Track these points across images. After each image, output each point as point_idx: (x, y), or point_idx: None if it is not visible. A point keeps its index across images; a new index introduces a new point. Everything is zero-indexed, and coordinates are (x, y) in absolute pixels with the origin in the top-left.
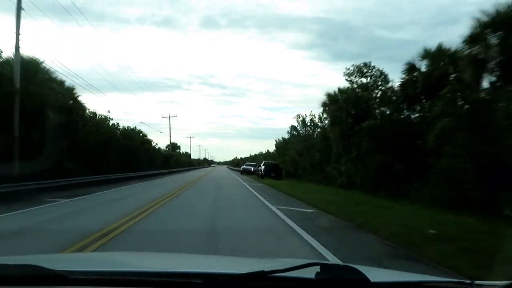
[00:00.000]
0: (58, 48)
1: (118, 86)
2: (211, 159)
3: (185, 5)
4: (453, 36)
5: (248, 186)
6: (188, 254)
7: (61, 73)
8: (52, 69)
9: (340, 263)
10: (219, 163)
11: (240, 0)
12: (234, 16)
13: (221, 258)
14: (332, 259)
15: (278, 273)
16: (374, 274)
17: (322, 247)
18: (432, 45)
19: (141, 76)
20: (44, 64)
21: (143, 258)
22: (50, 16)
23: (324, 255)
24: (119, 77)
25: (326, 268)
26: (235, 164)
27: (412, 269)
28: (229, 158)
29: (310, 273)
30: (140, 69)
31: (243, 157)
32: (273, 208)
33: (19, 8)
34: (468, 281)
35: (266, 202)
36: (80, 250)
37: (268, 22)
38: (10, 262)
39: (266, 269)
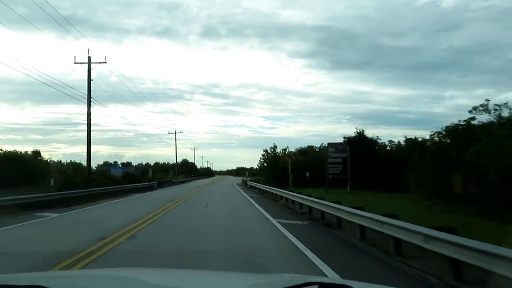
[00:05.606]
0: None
1: (118, 98)
2: (207, 166)
3: (185, 14)
4: (455, 42)
5: None
6: (181, 270)
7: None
8: None
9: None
10: (220, 173)
11: (239, 9)
12: (234, 25)
13: (216, 274)
14: None
15: None
16: None
17: None
18: (434, 51)
19: (142, 87)
20: None
21: (155, 274)
22: (50, 28)
23: None
24: (119, 88)
25: (324, 286)
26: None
27: None
28: (232, 167)
29: None
30: (141, 80)
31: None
32: None
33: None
34: None
35: None
36: None
37: (269, 31)
38: (12, 282)
39: (264, 287)
